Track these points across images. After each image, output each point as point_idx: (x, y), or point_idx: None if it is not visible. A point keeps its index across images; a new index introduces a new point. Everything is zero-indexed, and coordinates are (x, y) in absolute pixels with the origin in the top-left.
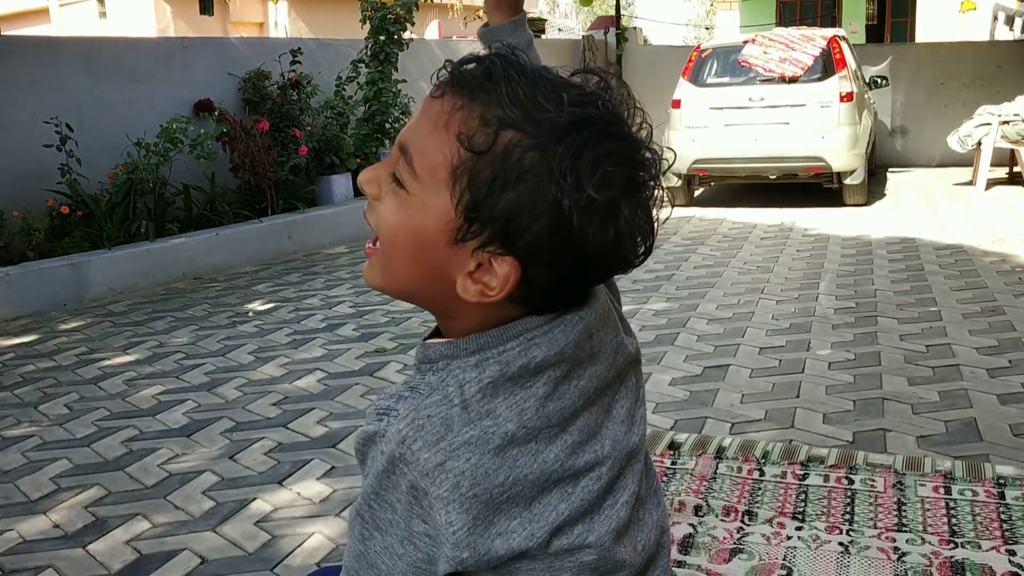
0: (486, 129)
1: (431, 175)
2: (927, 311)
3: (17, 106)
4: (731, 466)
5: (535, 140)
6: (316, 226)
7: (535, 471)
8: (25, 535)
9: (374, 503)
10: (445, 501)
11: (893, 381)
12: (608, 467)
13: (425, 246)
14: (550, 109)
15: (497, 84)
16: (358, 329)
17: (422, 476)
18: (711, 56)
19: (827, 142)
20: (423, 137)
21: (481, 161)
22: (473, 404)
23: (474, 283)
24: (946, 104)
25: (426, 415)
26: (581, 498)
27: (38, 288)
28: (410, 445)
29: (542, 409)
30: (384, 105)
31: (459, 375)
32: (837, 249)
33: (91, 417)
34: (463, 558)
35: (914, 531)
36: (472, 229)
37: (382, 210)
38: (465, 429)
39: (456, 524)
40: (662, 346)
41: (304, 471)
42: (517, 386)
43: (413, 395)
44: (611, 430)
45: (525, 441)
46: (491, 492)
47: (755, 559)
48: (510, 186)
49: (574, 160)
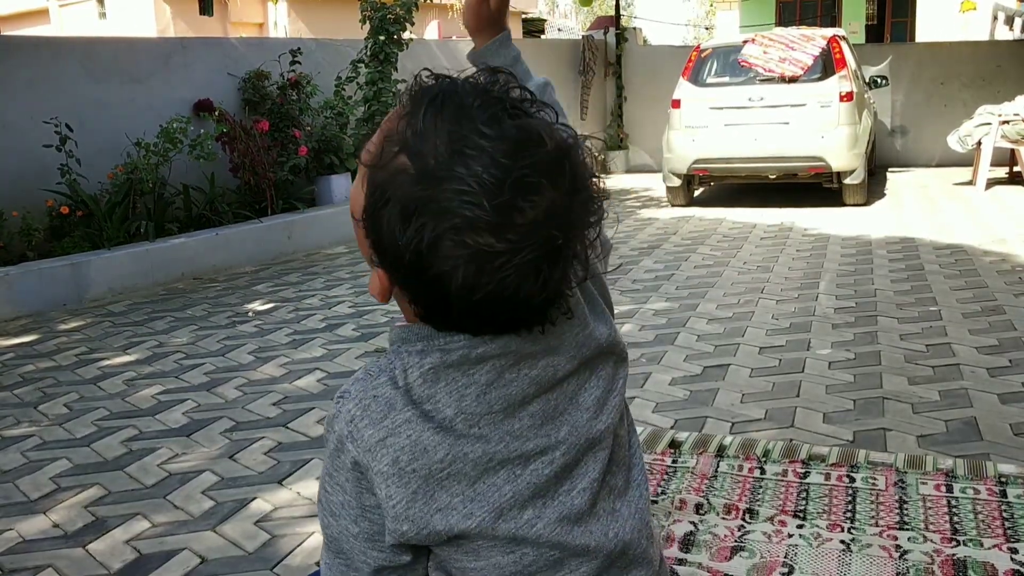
0: (388, 145)
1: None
2: (927, 311)
3: (17, 106)
4: (732, 464)
5: (418, 163)
6: (316, 226)
7: (476, 451)
8: (25, 535)
9: (328, 486)
10: (385, 476)
11: (893, 380)
12: (562, 452)
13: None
14: (441, 151)
15: (418, 98)
16: (358, 329)
17: (364, 452)
18: (711, 56)
19: (827, 142)
20: (375, 136)
21: (379, 181)
22: (415, 388)
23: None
24: (946, 104)
25: (372, 395)
26: (529, 481)
27: (38, 288)
28: (356, 423)
29: (483, 396)
30: (384, 105)
31: (404, 359)
32: (837, 249)
33: (91, 417)
34: (403, 531)
35: (916, 529)
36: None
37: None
38: (407, 409)
39: (395, 498)
40: (662, 345)
41: (304, 471)
42: (459, 372)
43: (365, 378)
44: (572, 417)
45: (466, 427)
46: (430, 468)
47: (756, 557)
48: (381, 205)
49: (422, 211)
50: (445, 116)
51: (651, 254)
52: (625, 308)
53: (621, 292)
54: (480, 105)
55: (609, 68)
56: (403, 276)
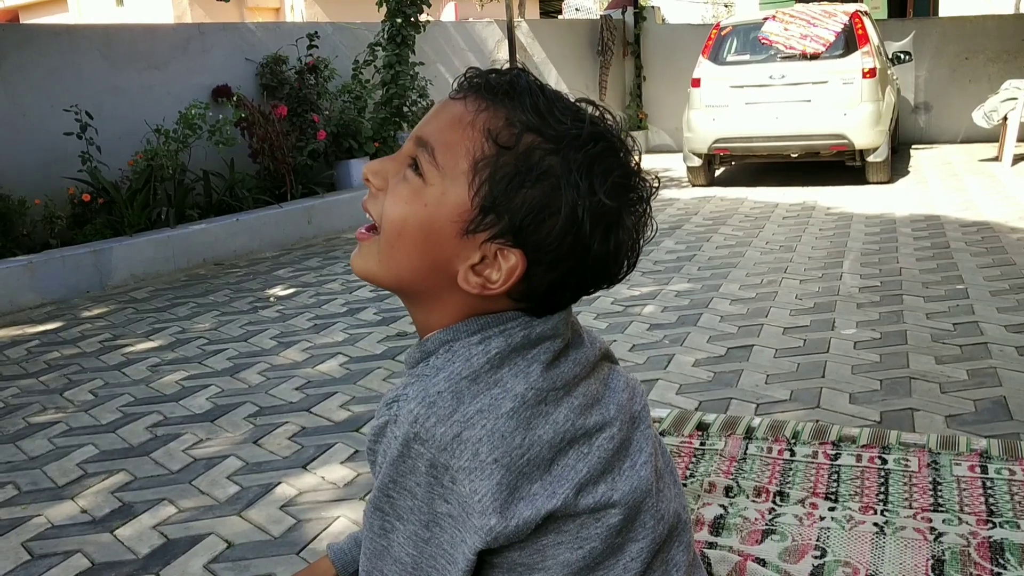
0: (511, 129)
1: (452, 166)
2: (954, 289)
3: (37, 94)
4: (761, 446)
5: (555, 145)
6: (335, 210)
7: (548, 431)
8: (53, 520)
9: (392, 492)
10: (467, 471)
11: (920, 360)
12: (618, 428)
13: (434, 235)
14: (567, 122)
15: (522, 94)
16: (379, 313)
17: (440, 451)
18: (731, 34)
19: (849, 119)
20: (445, 131)
21: (503, 157)
22: (482, 375)
23: (476, 275)
24: (970, 79)
25: (436, 392)
26: (598, 456)
27: (61, 275)
28: (423, 423)
29: (546, 373)
30: (402, 88)
31: (464, 352)
32: (861, 227)
33: (116, 403)
34: (491, 525)
35: (951, 511)
36: (485, 220)
37: (389, 200)
38: (476, 400)
39: (481, 491)
40: (685, 327)
41: (328, 455)
42: (519, 356)
43: (419, 380)
44: (614, 396)
45: (535, 403)
46: (511, 455)
47: (788, 540)
48: (529, 184)
49: (589, 167)
50: (546, 95)
51: (672, 235)
52: (647, 289)
53: (642, 273)
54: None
55: (627, 48)
56: (556, 245)
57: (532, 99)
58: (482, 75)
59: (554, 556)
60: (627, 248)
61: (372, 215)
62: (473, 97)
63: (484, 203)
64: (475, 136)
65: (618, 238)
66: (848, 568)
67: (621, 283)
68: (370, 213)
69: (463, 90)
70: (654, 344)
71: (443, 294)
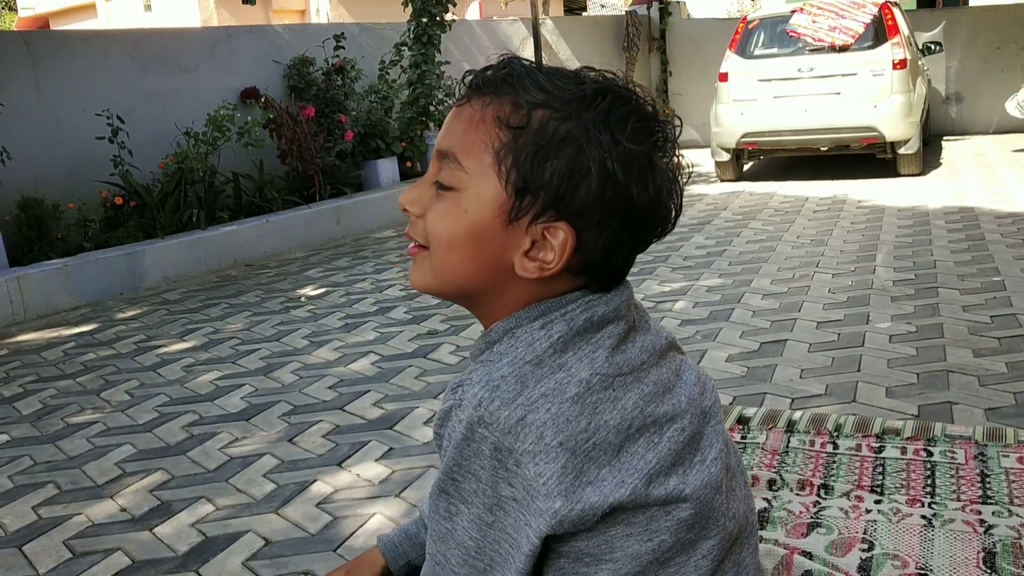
0: (519, 111)
1: (477, 164)
2: (990, 281)
3: (69, 100)
4: (803, 440)
5: (565, 112)
6: (364, 210)
7: (615, 417)
8: (94, 519)
9: (457, 475)
10: (532, 454)
11: (957, 353)
12: (689, 420)
13: (483, 236)
14: (570, 88)
15: (520, 77)
16: (409, 312)
17: (504, 435)
18: (758, 27)
19: (880, 111)
20: (461, 136)
21: (521, 138)
22: (545, 360)
23: (531, 260)
24: (1003, 69)
25: (500, 376)
26: (668, 448)
27: (95, 278)
28: (487, 406)
29: (611, 359)
30: (428, 88)
31: (527, 337)
32: (893, 220)
33: (152, 403)
34: (556, 508)
35: (1000, 503)
36: (524, 203)
37: (431, 219)
38: (540, 384)
39: (546, 474)
40: (717, 322)
41: (362, 453)
42: (583, 340)
43: (483, 365)
44: (685, 389)
45: (601, 388)
46: (576, 439)
47: (834, 533)
48: (552, 155)
49: (604, 120)
50: (543, 71)
51: (701, 230)
52: (677, 285)
53: (672, 269)
54: (540, 66)
55: (653, 43)
56: (599, 204)
57: (531, 79)
58: (478, 74)
59: (623, 547)
60: (668, 190)
61: (418, 240)
62: (476, 96)
63: (517, 186)
64: (488, 129)
65: (656, 182)
66: (897, 561)
67: (653, 279)
68: (415, 240)
69: (465, 95)
70: (686, 340)
71: (504, 288)
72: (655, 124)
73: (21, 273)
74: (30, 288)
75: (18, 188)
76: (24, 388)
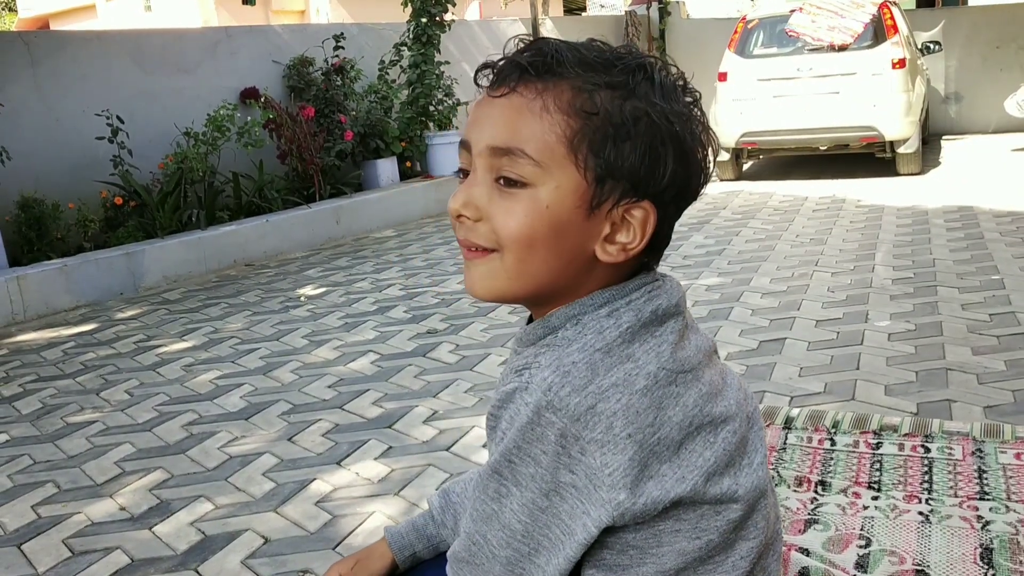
0: (581, 96)
1: (551, 156)
2: (989, 279)
3: (69, 100)
4: (801, 436)
5: (624, 89)
6: (363, 210)
7: (678, 413)
8: (93, 518)
9: (515, 457)
10: (600, 443)
11: (956, 351)
12: (739, 423)
13: (565, 229)
14: (616, 64)
15: (562, 62)
16: (409, 311)
17: (573, 422)
18: (757, 27)
19: (879, 111)
20: (520, 129)
21: (591, 123)
22: (615, 349)
23: (612, 244)
24: (1002, 68)
25: (571, 362)
26: (723, 448)
27: (95, 278)
28: (557, 392)
29: (675, 353)
30: (428, 87)
31: (595, 325)
32: (892, 219)
33: (151, 402)
34: (620, 500)
35: (997, 499)
36: (605, 189)
37: (502, 220)
38: (610, 373)
39: (612, 465)
40: (716, 321)
41: (361, 451)
42: (649, 333)
43: (551, 349)
44: (732, 392)
45: (667, 383)
46: (643, 432)
47: (831, 529)
48: (628, 135)
49: (660, 90)
50: (579, 50)
51: (701, 229)
52: None
53: (671, 268)
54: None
55: (653, 43)
56: (681, 175)
57: (575, 58)
58: (510, 62)
59: (670, 543)
60: (708, 138)
61: (481, 244)
62: (521, 85)
63: (598, 173)
64: (554, 118)
65: (707, 131)
66: (894, 557)
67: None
68: (478, 244)
69: (503, 84)
70: None
71: (583, 279)
72: (687, 82)
73: (21, 273)
74: (30, 288)
75: (18, 188)
76: (24, 387)
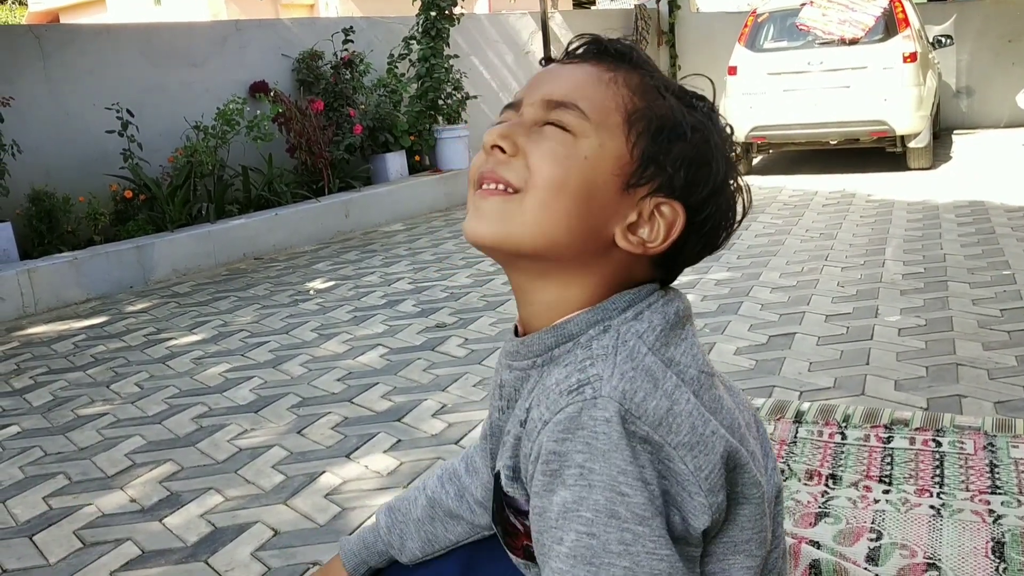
0: (652, 90)
1: (604, 118)
2: (1000, 275)
3: (79, 94)
4: (811, 430)
5: (686, 102)
6: (372, 204)
7: (726, 417)
8: (104, 509)
9: (626, 488)
10: (688, 446)
11: (967, 346)
12: (756, 428)
13: (597, 193)
14: (676, 84)
15: (644, 62)
16: (418, 305)
17: (655, 428)
18: (767, 20)
19: (890, 105)
20: (584, 88)
21: (654, 111)
22: (659, 353)
23: (633, 236)
24: (1014, 62)
25: (629, 367)
26: (758, 445)
27: (105, 271)
28: (632, 398)
29: (701, 355)
30: (437, 81)
31: (631, 329)
32: (903, 214)
33: (161, 395)
34: (718, 502)
35: (1009, 493)
36: (647, 173)
37: (538, 157)
38: (667, 374)
39: (706, 468)
40: (725, 315)
41: (371, 444)
42: (676, 336)
43: (599, 361)
44: (741, 396)
45: (709, 386)
46: (721, 431)
47: (842, 523)
48: (681, 138)
49: (720, 129)
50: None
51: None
52: (686, 279)
53: None
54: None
55: (662, 37)
56: (711, 209)
57: (652, 66)
58: (598, 43)
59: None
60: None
61: (509, 180)
62: (596, 61)
63: (645, 154)
64: (621, 92)
65: (736, 172)
66: (905, 550)
67: None
68: (505, 178)
69: (581, 55)
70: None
71: (591, 261)
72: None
73: (32, 266)
74: (41, 281)
75: (29, 182)
76: (35, 380)
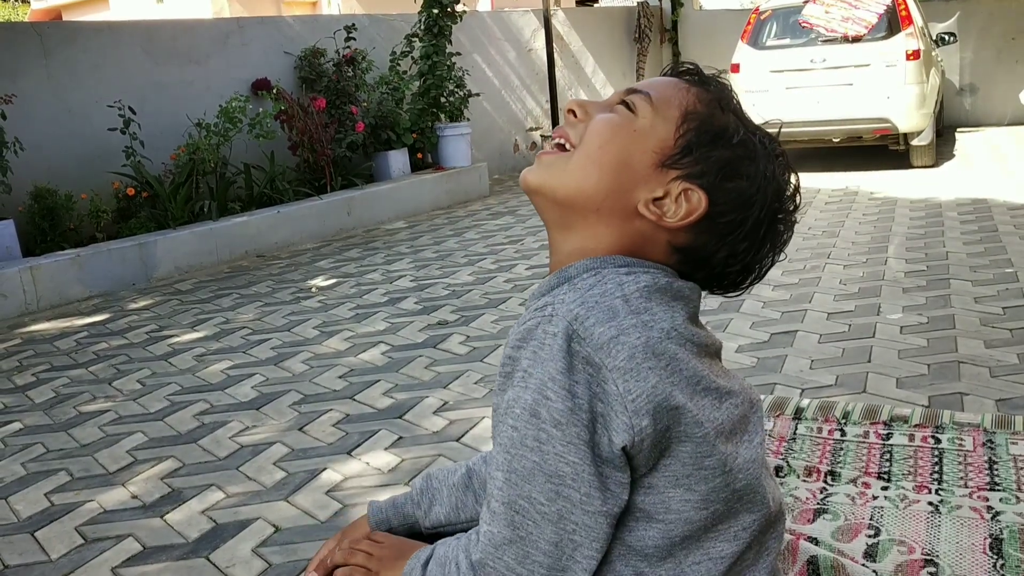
0: (716, 105)
1: (665, 109)
2: (1002, 272)
3: (82, 91)
4: (810, 427)
5: (748, 135)
6: (374, 202)
7: (689, 368)
8: (105, 505)
9: (551, 393)
10: (623, 371)
11: (969, 344)
12: (741, 400)
13: (633, 159)
14: (743, 111)
15: (724, 88)
16: (420, 302)
17: (596, 350)
18: (770, 18)
19: (893, 102)
20: (661, 87)
21: (711, 119)
22: (632, 300)
23: (655, 207)
24: (1017, 59)
25: (593, 300)
26: (728, 414)
27: (108, 268)
28: (583, 321)
29: (688, 325)
30: (439, 79)
31: (614, 278)
32: (905, 212)
33: (163, 392)
34: (643, 425)
35: (1008, 490)
36: (683, 160)
37: (598, 120)
38: (629, 316)
39: (635, 392)
40: (727, 313)
41: (372, 441)
42: (663, 300)
43: (572, 290)
44: (737, 379)
45: (679, 343)
46: (661, 368)
47: (840, 519)
48: (725, 145)
49: (771, 154)
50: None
51: None
52: None
53: None
54: None
55: (665, 34)
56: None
57: (730, 93)
58: (694, 67)
59: (678, 511)
60: (775, 248)
61: (568, 138)
62: (684, 80)
63: (688, 143)
64: (689, 96)
65: (778, 236)
66: (903, 547)
67: None
68: (566, 137)
69: (676, 73)
70: None
71: (612, 222)
72: (796, 200)
73: (34, 263)
74: (43, 278)
75: (31, 179)
76: (37, 377)
